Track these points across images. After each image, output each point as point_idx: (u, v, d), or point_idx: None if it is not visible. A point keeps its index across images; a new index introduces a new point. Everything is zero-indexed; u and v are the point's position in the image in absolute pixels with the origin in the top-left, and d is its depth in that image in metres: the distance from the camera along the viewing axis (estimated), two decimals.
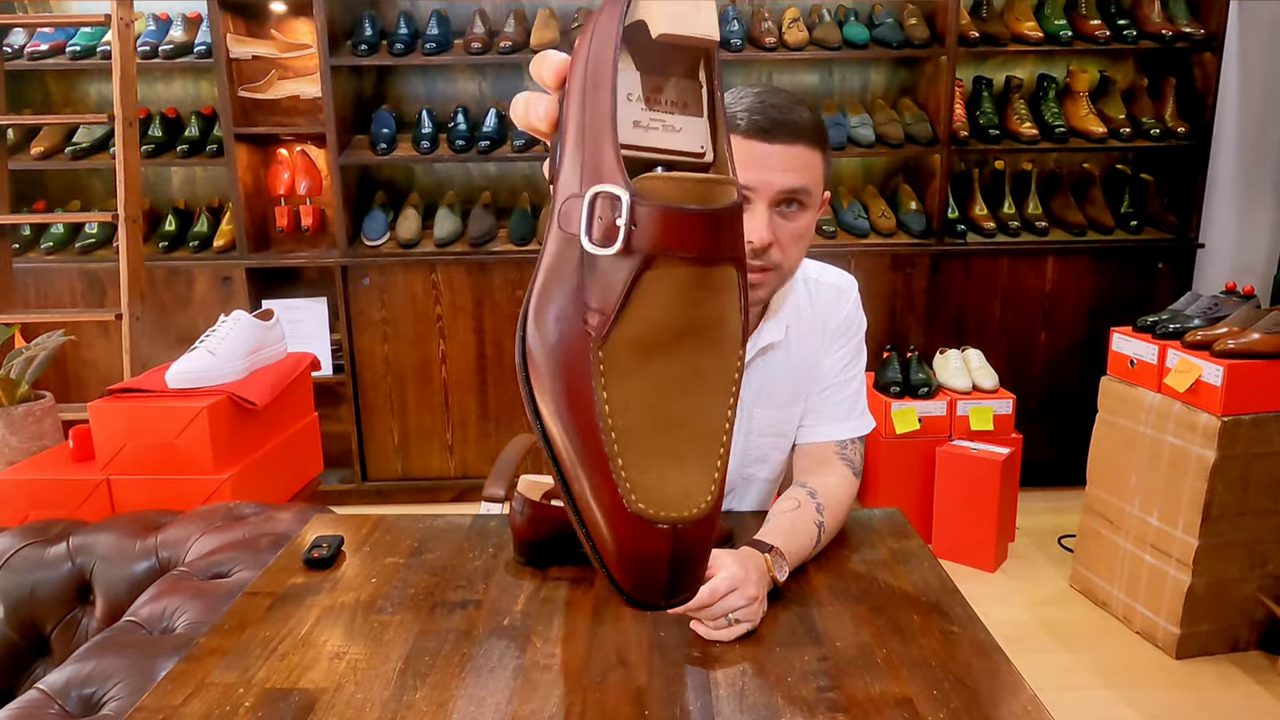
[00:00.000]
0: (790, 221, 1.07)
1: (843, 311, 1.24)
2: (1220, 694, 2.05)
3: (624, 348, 0.49)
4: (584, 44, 0.54)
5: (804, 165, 1.05)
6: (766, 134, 1.02)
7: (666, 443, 0.49)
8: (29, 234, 3.05)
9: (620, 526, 0.48)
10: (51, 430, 2.00)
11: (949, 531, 2.67)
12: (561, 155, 0.54)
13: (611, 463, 0.48)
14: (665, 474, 0.49)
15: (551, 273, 0.53)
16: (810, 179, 1.06)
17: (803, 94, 3.18)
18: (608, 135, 0.50)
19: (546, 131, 0.55)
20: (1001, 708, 0.79)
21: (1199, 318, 2.24)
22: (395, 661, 0.88)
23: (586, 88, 0.53)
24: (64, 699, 1.08)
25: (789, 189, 1.04)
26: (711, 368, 0.51)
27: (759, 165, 1.03)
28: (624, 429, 0.49)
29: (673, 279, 0.48)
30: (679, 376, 0.50)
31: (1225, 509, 2.09)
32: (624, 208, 0.47)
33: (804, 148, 1.04)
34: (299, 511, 1.48)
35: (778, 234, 1.06)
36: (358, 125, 3.08)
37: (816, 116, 1.08)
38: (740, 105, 1.05)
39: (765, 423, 1.23)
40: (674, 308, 0.49)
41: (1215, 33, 2.92)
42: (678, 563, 0.49)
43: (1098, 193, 3.09)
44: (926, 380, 2.78)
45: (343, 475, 3.14)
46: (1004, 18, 3.00)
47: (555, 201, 0.54)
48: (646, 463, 0.49)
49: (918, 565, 1.06)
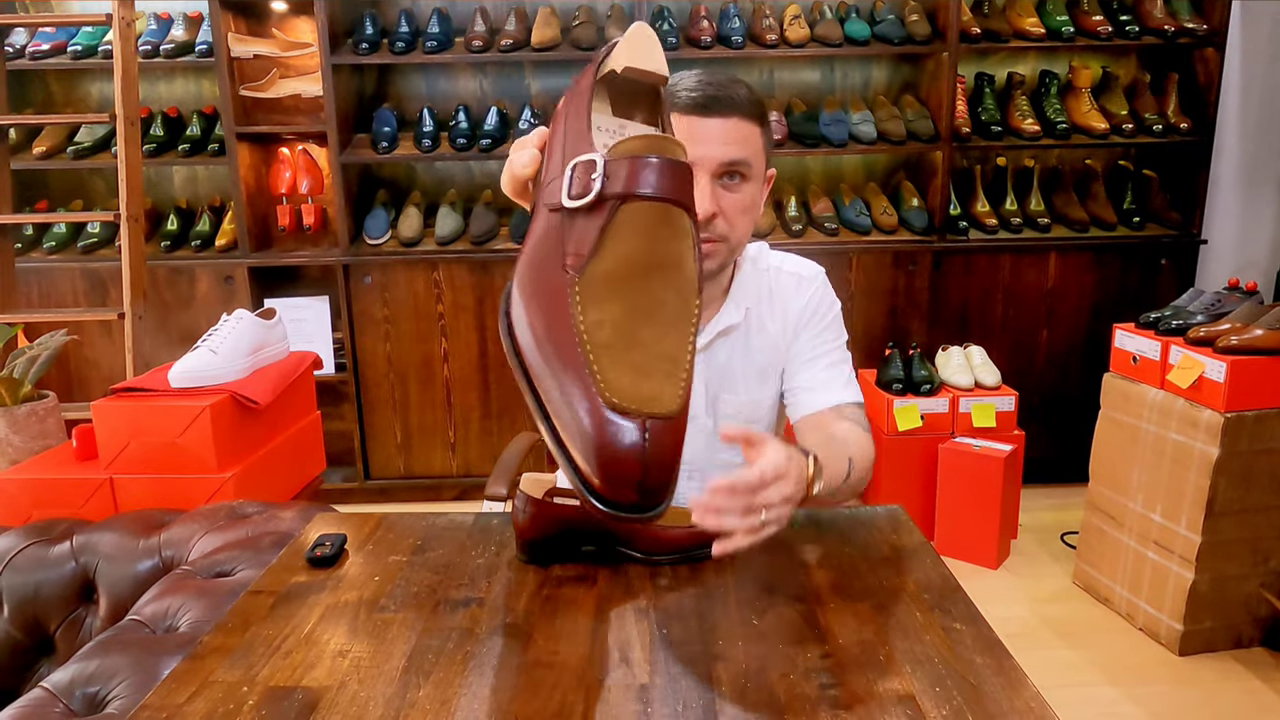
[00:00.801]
0: (733, 193, 1.10)
1: (803, 298, 1.26)
2: (1223, 690, 2.05)
3: (599, 279, 0.59)
4: (564, 101, 0.69)
5: (743, 138, 1.09)
6: (704, 109, 1.07)
7: (636, 359, 0.58)
8: (31, 234, 3.05)
9: (597, 421, 0.55)
10: (54, 430, 2.00)
11: (951, 528, 2.67)
12: (545, 172, 0.68)
13: (589, 368, 0.56)
14: (636, 381, 0.56)
15: (533, 247, 0.64)
16: (749, 151, 1.10)
17: (804, 91, 3.18)
18: (585, 139, 0.64)
19: (530, 174, 0.70)
20: (1004, 704, 0.79)
21: (1202, 314, 2.23)
22: (398, 659, 0.88)
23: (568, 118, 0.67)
24: (68, 697, 1.09)
25: (729, 160, 1.08)
26: (672, 303, 0.60)
27: (698, 139, 1.07)
28: (599, 343, 0.57)
29: (639, 215, 0.60)
30: (645, 305, 0.59)
31: (1228, 505, 2.09)
32: (599, 165, 0.60)
33: (741, 120, 1.09)
34: (302, 510, 1.48)
35: (722, 205, 1.09)
36: (359, 124, 3.08)
37: (754, 93, 1.12)
38: (680, 85, 1.09)
39: (732, 406, 1.25)
40: (640, 243, 0.59)
41: (1218, 28, 2.91)
42: (650, 459, 0.55)
43: (1100, 189, 3.09)
44: (929, 377, 2.78)
45: (345, 474, 3.14)
46: (1006, 14, 2.99)
47: (539, 202, 0.67)
48: (619, 370, 0.57)
49: (920, 562, 1.06)
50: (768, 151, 1.15)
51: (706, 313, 1.21)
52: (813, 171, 3.24)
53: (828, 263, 1.41)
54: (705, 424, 1.25)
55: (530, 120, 2.99)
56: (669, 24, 2.93)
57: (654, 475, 0.56)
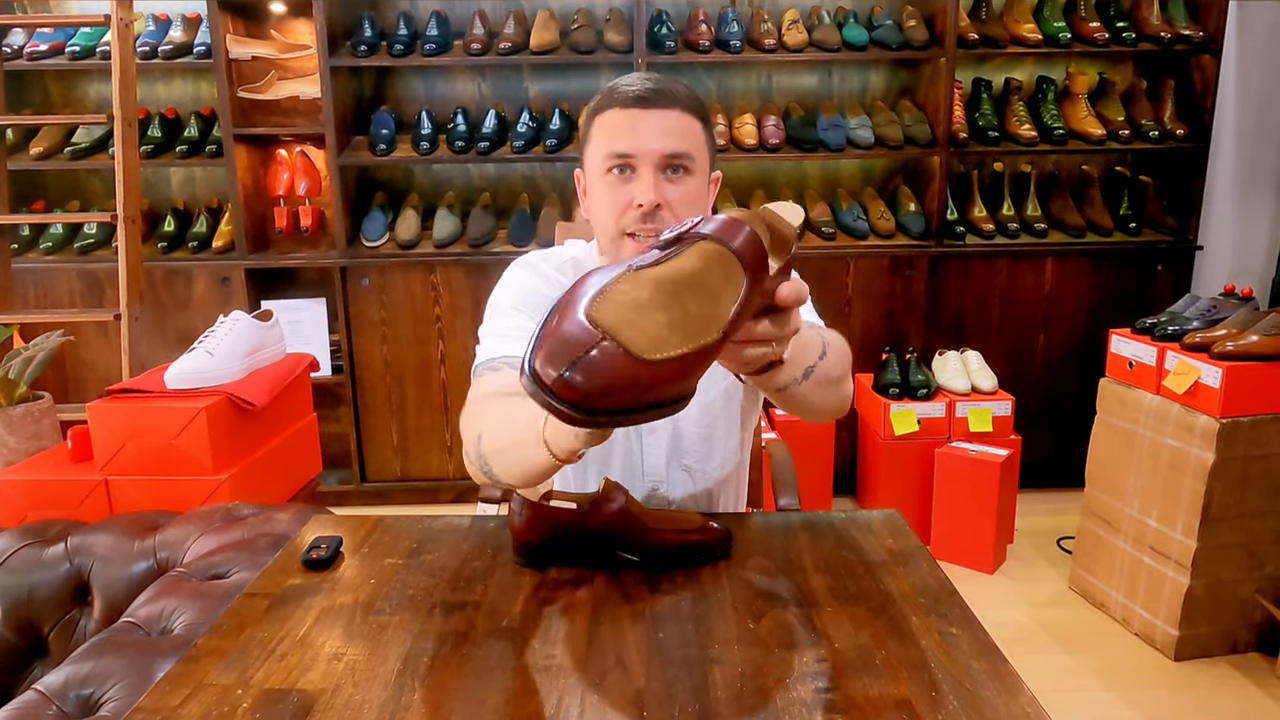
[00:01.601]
0: (677, 185, 1.11)
1: None
2: (1219, 696, 2.05)
3: (649, 277, 0.66)
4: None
5: (683, 130, 1.11)
6: (644, 101, 1.09)
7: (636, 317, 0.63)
8: (28, 234, 3.04)
9: (568, 315, 0.62)
10: (50, 431, 2.00)
11: (948, 533, 2.67)
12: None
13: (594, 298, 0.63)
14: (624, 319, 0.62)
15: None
16: (691, 144, 1.11)
17: (802, 96, 3.19)
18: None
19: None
20: (1000, 709, 0.79)
21: (1198, 320, 2.24)
22: (394, 662, 0.88)
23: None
24: (62, 700, 1.08)
25: (670, 153, 1.09)
26: (694, 315, 0.65)
27: (639, 132, 1.09)
28: (613, 297, 0.63)
29: (706, 250, 0.69)
30: (669, 304, 0.65)
31: (1224, 511, 2.09)
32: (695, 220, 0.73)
33: (682, 112, 1.11)
34: (297, 512, 1.48)
35: (666, 196, 1.10)
36: (357, 126, 3.08)
37: (694, 92, 1.14)
38: (621, 83, 1.12)
39: (694, 409, 1.24)
40: (693, 266, 0.67)
41: (1214, 35, 2.92)
42: (588, 365, 0.59)
43: (1096, 194, 3.10)
44: (925, 382, 2.78)
45: (341, 476, 3.13)
46: (1003, 20, 3.00)
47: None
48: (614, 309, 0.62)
49: (916, 567, 1.06)
50: (711, 152, 1.16)
51: None
52: (810, 176, 3.25)
53: (825, 267, 1.41)
54: (666, 425, 1.25)
55: (528, 123, 2.99)
56: (667, 28, 2.93)
57: (585, 379, 0.59)
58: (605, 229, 1.13)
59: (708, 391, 1.26)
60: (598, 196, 1.13)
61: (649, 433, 1.25)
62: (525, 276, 1.23)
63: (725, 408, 1.28)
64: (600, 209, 1.13)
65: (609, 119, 1.11)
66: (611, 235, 1.12)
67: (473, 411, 1.06)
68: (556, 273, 1.22)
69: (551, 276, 1.22)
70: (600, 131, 1.12)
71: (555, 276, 1.22)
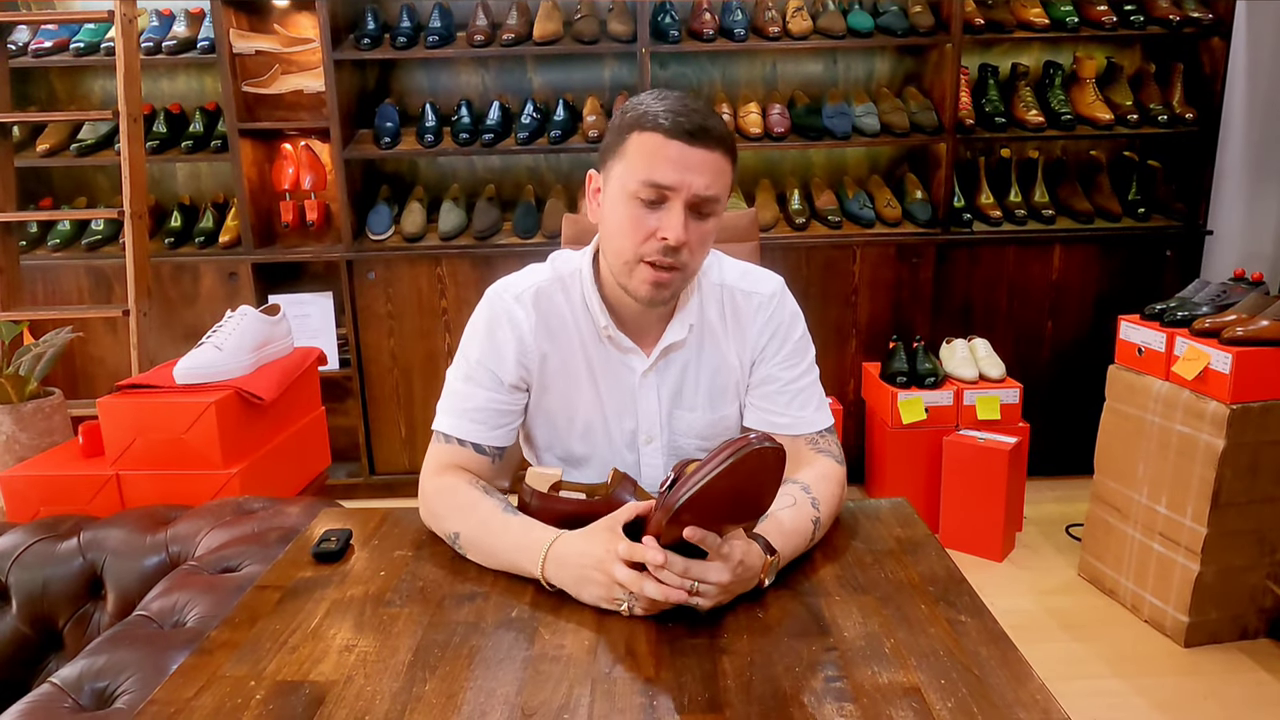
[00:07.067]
0: (701, 226, 1.11)
1: (762, 320, 1.24)
2: (1229, 682, 2.05)
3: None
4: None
5: (720, 173, 1.09)
6: (691, 136, 1.06)
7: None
8: (35, 231, 3.06)
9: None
10: (61, 426, 2.01)
11: (956, 521, 2.66)
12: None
13: None
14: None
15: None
16: (722, 188, 1.10)
17: (807, 83, 3.17)
18: None
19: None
20: (1009, 697, 0.79)
21: (1207, 305, 2.23)
22: (404, 654, 0.88)
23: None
24: (77, 693, 1.09)
25: (705, 196, 1.08)
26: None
27: (682, 166, 1.06)
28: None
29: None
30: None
31: (1234, 497, 2.09)
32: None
33: (722, 155, 1.09)
34: (307, 505, 1.49)
35: (689, 236, 1.09)
36: (361, 119, 3.08)
37: (729, 129, 1.14)
38: (661, 106, 1.08)
39: (684, 424, 1.25)
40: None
41: (1223, 18, 2.89)
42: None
43: (1105, 180, 3.08)
44: (933, 370, 2.77)
45: (350, 469, 3.15)
46: (1010, 4, 2.97)
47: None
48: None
49: (925, 555, 1.06)
50: (730, 191, 1.16)
51: (654, 332, 1.22)
52: (816, 164, 3.23)
53: (832, 256, 1.40)
54: (661, 441, 1.25)
55: (533, 114, 2.98)
56: (671, 17, 2.92)
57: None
58: (620, 252, 1.11)
59: (715, 409, 1.26)
60: (618, 216, 1.11)
61: (646, 443, 1.25)
62: (483, 325, 1.23)
63: (727, 431, 1.27)
64: (620, 231, 1.11)
65: (653, 143, 1.06)
66: (627, 258, 1.10)
67: (439, 493, 1.14)
68: (515, 303, 1.21)
69: (511, 311, 1.21)
70: (640, 154, 1.07)
71: (514, 310, 1.21)
